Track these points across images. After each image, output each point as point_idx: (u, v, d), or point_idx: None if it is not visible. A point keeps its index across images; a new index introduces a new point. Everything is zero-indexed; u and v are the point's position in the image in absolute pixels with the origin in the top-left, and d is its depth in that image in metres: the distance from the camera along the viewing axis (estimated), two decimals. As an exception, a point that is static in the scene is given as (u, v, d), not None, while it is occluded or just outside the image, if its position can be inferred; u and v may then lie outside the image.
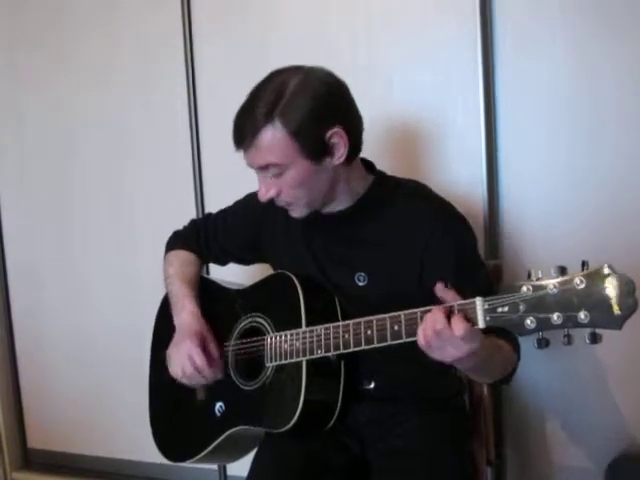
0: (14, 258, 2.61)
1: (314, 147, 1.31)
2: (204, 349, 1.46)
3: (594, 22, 1.72)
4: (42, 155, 2.48)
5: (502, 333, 1.19)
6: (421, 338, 1.13)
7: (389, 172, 1.51)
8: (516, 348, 1.32)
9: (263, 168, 1.34)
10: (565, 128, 1.78)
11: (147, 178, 2.32)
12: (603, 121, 1.74)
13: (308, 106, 1.30)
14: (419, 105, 1.90)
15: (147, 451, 1.70)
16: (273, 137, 1.29)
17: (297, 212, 1.41)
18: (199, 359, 1.44)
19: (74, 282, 2.50)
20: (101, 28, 2.30)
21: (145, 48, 2.25)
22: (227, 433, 1.48)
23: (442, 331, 1.09)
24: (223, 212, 1.67)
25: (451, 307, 1.12)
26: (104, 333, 2.45)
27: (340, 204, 1.43)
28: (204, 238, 1.66)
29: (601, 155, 1.75)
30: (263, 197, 1.37)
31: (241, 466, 1.53)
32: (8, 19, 2.46)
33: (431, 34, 1.87)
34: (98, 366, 2.48)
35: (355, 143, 1.37)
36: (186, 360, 1.45)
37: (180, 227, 1.73)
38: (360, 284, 1.41)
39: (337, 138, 1.32)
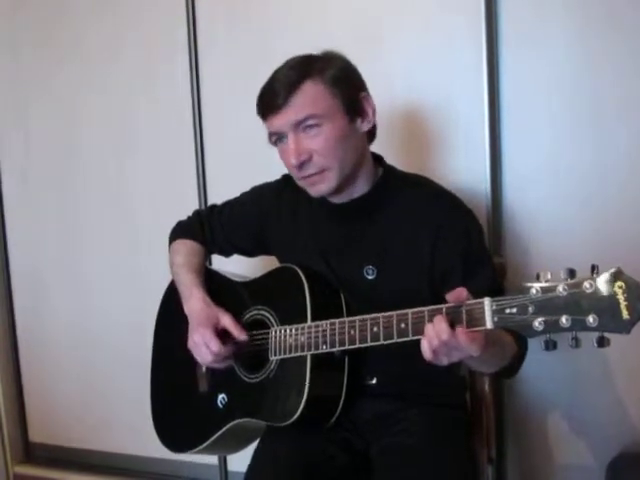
0: (17, 255, 2.61)
1: (350, 103, 1.37)
2: (219, 331, 1.46)
3: (597, 19, 1.71)
4: (45, 153, 2.48)
5: None
6: (427, 352, 1.13)
7: (393, 168, 1.52)
8: (521, 340, 1.31)
9: (300, 123, 1.33)
10: (569, 125, 1.77)
11: (150, 175, 2.31)
12: (607, 117, 1.73)
13: (341, 66, 1.39)
14: (423, 102, 1.89)
15: (148, 446, 1.71)
16: (315, 90, 1.34)
17: (325, 183, 1.37)
18: (214, 345, 1.44)
19: (76, 278, 2.50)
20: (104, 25, 2.29)
21: (148, 44, 2.24)
22: (229, 425, 1.48)
23: (448, 342, 1.10)
24: (228, 204, 1.67)
25: (459, 307, 1.11)
26: (105, 329, 2.45)
27: (354, 191, 1.43)
28: (209, 229, 1.66)
29: (605, 151, 1.75)
30: (296, 161, 1.34)
31: (241, 461, 1.53)
32: (11, 16, 2.44)
33: (435, 30, 1.86)
34: (99, 361, 2.49)
35: (374, 123, 1.43)
36: (205, 349, 1.45)
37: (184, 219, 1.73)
38: (369, 277, 1.41)
39: (366, 102, 1.40)
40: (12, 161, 2.55)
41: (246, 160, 2.11)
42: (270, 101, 1.35)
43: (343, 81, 1.36)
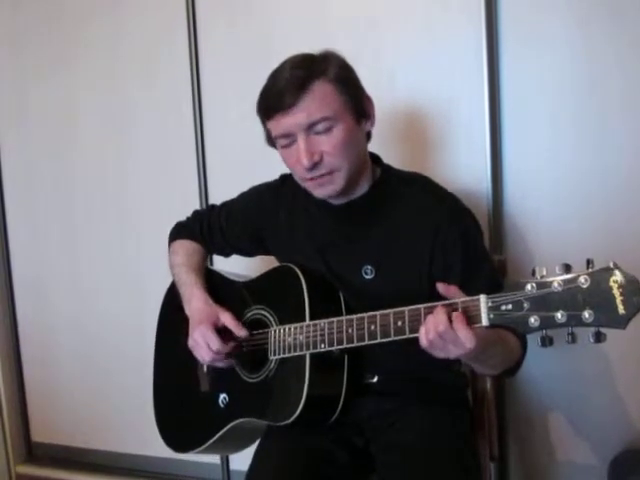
0: (19, 259, 2.62)
1: (356, 104, 1.36)
2: (219, 329, 1.46)
3: (598, 18, 1.70)
4: (46, 154, 2.48)
5: None
6: (423, 340, 1.13)
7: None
8: (522, 340, 1.32)
9: (311, 126, 1.31)
10: (570, 124, 1.77)
11: (151, 177, 2.32)
12: (608, 116, 1.73)
13: (341, 64, 1.36)
14: (424, 101, 1.89)
15: (151, 445, 1.72)
16: (324, 90, 1.32)
17: (334, 184, 1.36)
18: (214, 342, 1.43)
19: (78, 278, 2.50)
20: (104, 20, 2.30)
21: (149, 40, 2.24)
22: (230, 425, 1.48)
23: (444, 333, 1.09)
24: (227, 204, 1.67)
25: (454, 305, 1.11)
26: (107, 328, 2.46)
27: (354, 192, 1.43)
28: (207, 229, 1.66)
29: (606, 150, 1.74)
30: (308, 162, 1.31)
31: (243, 460, 1.54)
32: (11, 10, 2.45)
33: (436, 30, 1.85)
34: (102, 361, 2.50)
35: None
36: (205, 347, 1.45)
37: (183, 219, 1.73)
38: (367, 277, 1.41)
39: (369, 103, 1.40)
40: (13, 165, 2.56)
41: (247, 159, 2.11)
42: (277, 100, 1.32)
43: (347, 80, 1.36)
